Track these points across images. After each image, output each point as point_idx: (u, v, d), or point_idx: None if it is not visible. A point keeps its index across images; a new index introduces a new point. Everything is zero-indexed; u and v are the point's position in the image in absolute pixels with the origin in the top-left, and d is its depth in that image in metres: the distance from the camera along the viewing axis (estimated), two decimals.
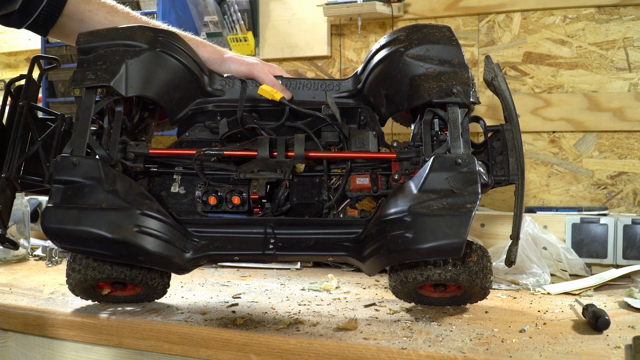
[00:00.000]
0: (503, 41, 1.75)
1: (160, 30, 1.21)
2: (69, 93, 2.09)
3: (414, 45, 1.16)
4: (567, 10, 1.69)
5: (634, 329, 1.04)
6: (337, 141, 1.20)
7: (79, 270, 1.13)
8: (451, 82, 1.11)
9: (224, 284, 1.44)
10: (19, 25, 1.26)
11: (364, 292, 1.35)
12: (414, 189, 1.04)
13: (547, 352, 0.91)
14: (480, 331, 1.03)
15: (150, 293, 1.20)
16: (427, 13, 1.82)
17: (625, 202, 1.65)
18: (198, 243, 1.12)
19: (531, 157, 1.73)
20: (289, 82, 1.26)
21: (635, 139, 1.64)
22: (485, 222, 1.60)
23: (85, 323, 1.13)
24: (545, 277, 1.40)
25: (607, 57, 1.65)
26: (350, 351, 0.95)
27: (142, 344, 1.09)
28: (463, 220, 0.99)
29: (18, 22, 1.25)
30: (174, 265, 1.09)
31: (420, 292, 1.17)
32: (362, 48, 1.91)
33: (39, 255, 1.79)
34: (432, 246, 0.99)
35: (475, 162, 1.05)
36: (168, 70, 1.18)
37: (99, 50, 1.15)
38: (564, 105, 1.69)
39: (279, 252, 1.11)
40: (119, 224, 1.03)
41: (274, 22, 2.00)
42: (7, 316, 1.20)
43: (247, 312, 1.16)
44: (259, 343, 1.01)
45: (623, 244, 1.48)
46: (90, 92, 1.12)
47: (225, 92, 1.25)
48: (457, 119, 1.10)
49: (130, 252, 1.05)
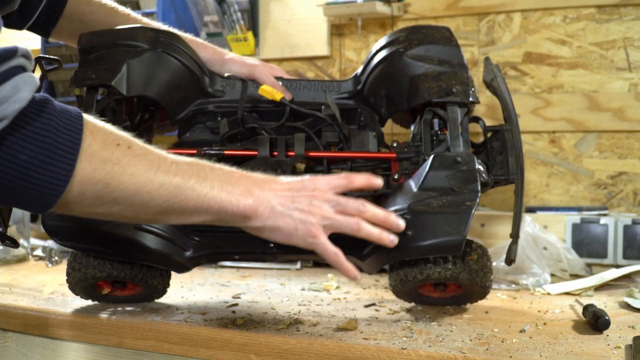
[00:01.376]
0: (503, 41, 1.75)
1: (161, 30, 1.21)
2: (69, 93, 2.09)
3: (414, 45, 1.17)
4: (567, 10, 1.69)
5: (634, 329, 1.04)
6: (337, 141, 1.20)
7: (79, 269, 1.13)
8: (451, 82, 1.12)
9: (224, 284, 1.44)
10: (20, 26, 1.26)
11: (364, 292, 1.35)
12: (413, 187, 1.04)
13: (547, 352, 0.91)
14: (481, 331, 1.03)
15: (150, 293, 1.20)
16: (427, 13, 1.82)
17: (626, 202, 1.65)
18: (198, 242, 1.12)
19: (531, 157, 1.73)
20: (289, 83, 1.26)
21: (635, 139, 1.64)
22: (485, 222, 1.60)
23: (85, 323, 1.13)
24: (545, 277, 1.40)
25: (607, 57, 1.65)
26: (350, 351, 0.95)
27: (142, 344, 1.09)
28: (463, 218, 1.00)
29: (18, 23, 1.25)
30: (174, 263, 1.10)
31: (420, 291, 1.17)
32: (362, 48, 1.91)
33: (38, 256, 1.79)
34: (432, 243, 1.00)
35: (475, 160, 1.05)
36: (169, 70, 1.18)
37: (100, 50, 1.15)
38: (564, 105, 1.69)
39: (279, 251, 1.11)
40: (119, 221, 1.04)
41: (274, 22, 2.00)
42: (7, 316, 1.20)
43: (247, 312, 1.16)
44: (259, 343, 1.01)
45: (623, 244, 1.48)
46: (92, 91, 1.12)
47: (226, 92, 1.26)
48: (457, 118, 1.10)
49: (130, 250, 1.06)
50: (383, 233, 0.97)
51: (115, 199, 0.80)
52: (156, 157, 0.83)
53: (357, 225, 0.95)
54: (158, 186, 0.82)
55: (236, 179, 0.91)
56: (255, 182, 0.93)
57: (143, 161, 0.81)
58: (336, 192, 0.97)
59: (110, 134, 0.80)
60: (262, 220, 0.92)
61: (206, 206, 0.87)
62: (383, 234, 0.97)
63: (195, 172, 0.86)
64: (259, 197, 0.91)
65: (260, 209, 0.91)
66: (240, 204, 0.89)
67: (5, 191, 0.74)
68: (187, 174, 0.85)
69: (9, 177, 0.73)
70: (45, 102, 0.76)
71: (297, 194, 0.94)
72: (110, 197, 0.80)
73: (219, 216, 0.90)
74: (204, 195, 0.86)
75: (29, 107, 0.73)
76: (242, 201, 0.89)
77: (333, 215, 0.94)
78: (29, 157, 0.73)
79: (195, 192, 0.85)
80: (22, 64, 0.74)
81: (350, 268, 0.96)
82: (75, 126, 0.76)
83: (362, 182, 0.99)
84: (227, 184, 0.89)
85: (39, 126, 0.73)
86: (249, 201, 0.90)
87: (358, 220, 0.95)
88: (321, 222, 0.94)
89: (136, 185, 0.80)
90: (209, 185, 0.87)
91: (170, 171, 0.84)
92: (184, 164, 0.86)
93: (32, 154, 0.73)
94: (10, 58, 0.73)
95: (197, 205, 0.86)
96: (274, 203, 0.92)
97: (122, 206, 0.81)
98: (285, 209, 0.92)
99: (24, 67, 0.75)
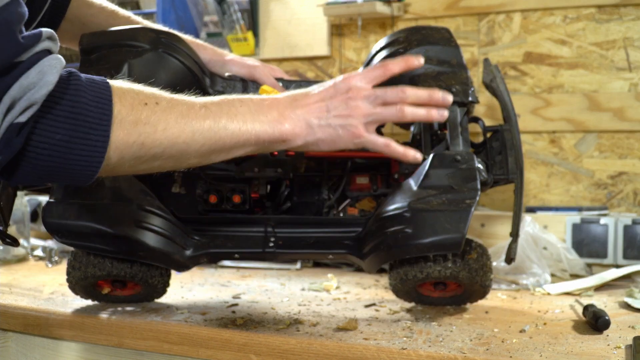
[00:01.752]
0: (503, 41, 1.75)
1: (162, 31, 1.22)
2: None
3: (414, 46, 1.17)
4: (567, 10, 1.69)
5: (634, 329, 1.04)
6: None
7: (79, 268, 1.14)
8: (450, 82, 1.13)
9: (224, 284, 1.44)
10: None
11: (364, 292, 1.35)
12: (413, 185, 1.05)
13: (547, 352, 0.91)
14: (481, 331, 1.03)
15: (150, 292, 1.20)
16: (427, 13, 1.82)
17: (626, 202, 1.65)
18: (198, 241, 1.12)
19: (531, 157, 1.73)
20: (289, 83, 1.27)
21: (635, 139, 1.64)
22: (485, 222, 1.60)
23: (85, 323, 1.13)
24: (545, 277, 1.40)
25: (607, 57, 1.65)
26: (350, 351, 0.95)
27: (142, 344, 1.09)
28: (462, 216, 1.00)
29: None
30: (174, 261, 1.10)
31: (420, 291, 1.17)
32: (362, 48, 1.91)
33: (39, 256, 1.79)
34: (431, 241, 1.00)
35: (474, 159, 1.06)
36: (170, 71, 1.19)
37: (101, 51, 1.15)
38: (564, 105, 1.69)
39: (279, 250, 1.11)
40: (119, 219, 1.04)
41: (274, 22, 2.00)
42: (7, 316, 1.20)
43: (247, 312, 1.16)
44: (259, 343, 1.01)
45: (623, 244, 1.48)
46: None
47: (227, 93, 1.26)
48: (456, 117, 1.11)
49: (131, 248, 1.06)
50: (431, 110, 0.98)
51: (153, 156, 0.83)
52: (185, 107, 0.85)
53: (401, 112, 0.96)
54: (192, 134, 0.84)
55: (267, 106, 0.92)
56: (287, 103, 0.94)
57: (172, 114, 0.83)
58: (374, 85, 0.97)
59: (138, 94, 0.82)
60: (302, 138, 0.94)
61: (244, 140, 0.89)
62: (431, 111, 0.98)
63: (225, 111, 0.88)
64: (293, 119, 0.93)
65: (297, 129, 0.93)
66: (276, 130, 0.91)
67: (48, 170, 0.76)
68: (217, 114, 0.87)
69: (49, 157, 0.75)
70: (72, 78, 0.77)
71: (331, 101, 0.95)
72: (149, 155, 0.82)
73: (259, 146, 0.92)
74: (238, 131, 0.88)
75: (57, 87, 0.74)
76: (277, 127, 0.91)
77: (373, 109, 0.95)
78: (63, 136, 0.74)
79: (229, 130, 0.87)
80: (48, 47, 0.76)
81: (408, 151, 0.98)
82: (103, 96, 0.78)
83: (400, 66, 0.99)
84: (259, 114, 0.91)
85: (69, 104, 0.75)
86: (284, 126, 0.92)
87: (400, 106, 0.96)
88: (363, 121, 0.95)
89: (170, 138, 0.82)
90: (241, 119, 0.89)
91: (200, 116, 0.85)
92: (213, 104, 0.88)
93: (67, 132, 0.75)
94: (36, 43, 0.74)
95: (234, 141, 0.88)
96: (309, 118, 0.94)
97: (162, 160, 0.84)
98: (322, 121, 0.94)
99: (49, 49, 0.76)
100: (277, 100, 0.94)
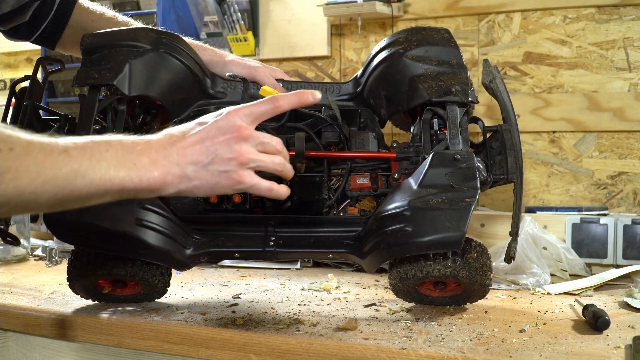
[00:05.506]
0: (503, 41, 1.76)
1: (163, 32, 1.22)
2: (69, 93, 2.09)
3: (414, 46, 1.18)
4: (567, 10, 1.69)
5: (634, 329, 1.04)
6: (337, 141, 1.20)
7: (80, 267, 1.14)
8: (450, 82, 1.13)
9: (224, 284, 1.44)
10: (28, 37, 1.28)
11: (364, 292, 1.35)
12: (413, 184, 1.05)
13: (547, 352, 0.91)
14: (480, 331, 1.03)
15: (150, 292, 1.20)
16: (427, 13, 1.82)
17: (625, 202, 1.65)
18: (199, 240, 1.13)
19: (531, 157, 1.73)
20: (290, 84, 1.27)
21: (635, 139, 1.64)
22: (485, 222, 1.60)
23: (85, 323, 1.13)
24: (545, 277, 1.40)
25: (607, 57, 1.65)
26: (350, 351, 0.95)
27: (142, 344, 1.09)
28: (462, 214, 1.00)
29: (26, 34, 1.28)
30: (175, 260, 1.10)
31: (420, 290, 1.17)
32: (362, 48, 1.91)
33: (39, 255, 1.79)
34: (431, 239, 1.00)
35: (474, 158, 1.06)
36: (171, 71, 1.19)
37: (103, 51, 1.16)
38: (564, 105, 1.69)
39: (279, 249, 1.11)
40: (120, 217, 1.04)
41: (274, 22, 2.00)
42: (7, 316, 1.20)
43: (247, 312, 1.16)
44: (259, 343, 1.01)
45: (623, 244, 1.48)
46: (94, 90, 1.13)
47: (227, 94, 1.26)
48: (456, 117, 1.11)
49: (131, 246, 1.06)
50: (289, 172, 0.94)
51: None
52: (42, 153, 0.77)
53: (282, 165, 0.91)
54: (43, 183, 0.76)
55: (138, 152, 0.84)
56: (161, 148, 0.86)
57: (25, 161, 0.75)
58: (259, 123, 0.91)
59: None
60: (175, 187, 0.86)
61: (104, 189, 0.81)
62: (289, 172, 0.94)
63: (88, 156, 0.80)
64: (165, 166, 0.85)
65: (169, 178, 0.85)
66: (143, 179, 0.83)
67: None
68: (78, 160, 0.79)
69: None
70: None
71: (211, 143, 0.87)
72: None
73: (123, 195, 0.84)
74: (99, 179, 0.80)
75: None
76: (145, 175, 0.83)
77: (256, 156, 0.89)
78: None
79: (87, 179, 0.79)
80: None
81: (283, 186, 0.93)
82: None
83: (291, 103, 0.92)
84: (127, 160, 0.82)
85: None
86: (153, 174, 0.84)
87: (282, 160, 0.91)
88: (246, 167, 0.88)
89: (18, 188, 0.75)
90: (104, 166, 0.81)
91: (58, 163, 0.78)
92: (77, 148, 0.80)
93: None
94: None
95: (93, 191, 0.80)
96: (184, 165, 0.86)
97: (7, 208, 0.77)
98: (199, 167, 0.86)
99: None
100: (150, 143, 0.85)
